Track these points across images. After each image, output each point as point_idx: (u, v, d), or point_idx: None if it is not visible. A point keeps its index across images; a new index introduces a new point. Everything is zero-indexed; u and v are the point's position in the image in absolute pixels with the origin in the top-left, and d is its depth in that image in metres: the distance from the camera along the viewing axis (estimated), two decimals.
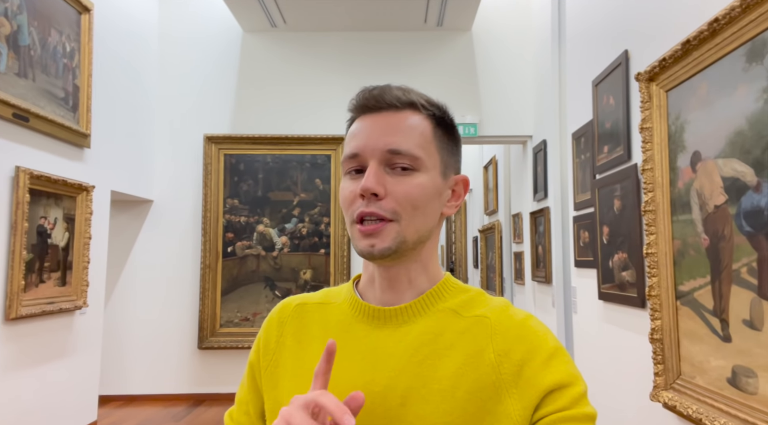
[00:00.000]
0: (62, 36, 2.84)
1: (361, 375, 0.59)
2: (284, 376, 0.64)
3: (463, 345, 0.59)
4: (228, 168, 4.09)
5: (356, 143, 0.61)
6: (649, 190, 1.94)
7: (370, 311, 0.63)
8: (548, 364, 0.57)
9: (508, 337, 0.59)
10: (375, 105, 0.62)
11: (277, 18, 3.95)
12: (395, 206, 0.59)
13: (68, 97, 2.89)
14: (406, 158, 0.60)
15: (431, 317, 0.62)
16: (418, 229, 0.61)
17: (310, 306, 0.70)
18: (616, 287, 2.37)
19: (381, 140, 0.60)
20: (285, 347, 0.67)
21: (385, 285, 0.64)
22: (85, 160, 3.07)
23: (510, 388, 0.56)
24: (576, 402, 0.55)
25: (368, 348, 0.61)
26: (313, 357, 0.63)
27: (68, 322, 2.92)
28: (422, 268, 0.64)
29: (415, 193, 0.60)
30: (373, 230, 0.59)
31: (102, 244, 3.23)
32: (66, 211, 2.86)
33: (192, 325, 3.94)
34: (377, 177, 0.59)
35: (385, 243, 0.59)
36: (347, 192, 0.61)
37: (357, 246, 0.60)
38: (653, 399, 1.86)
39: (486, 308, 0.62)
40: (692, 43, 1.62)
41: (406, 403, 0.56)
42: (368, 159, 0.60)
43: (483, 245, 6.01)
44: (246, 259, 4.06)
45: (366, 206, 0.59)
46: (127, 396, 3.85)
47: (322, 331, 0.65)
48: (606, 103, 2.51)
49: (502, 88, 4.08)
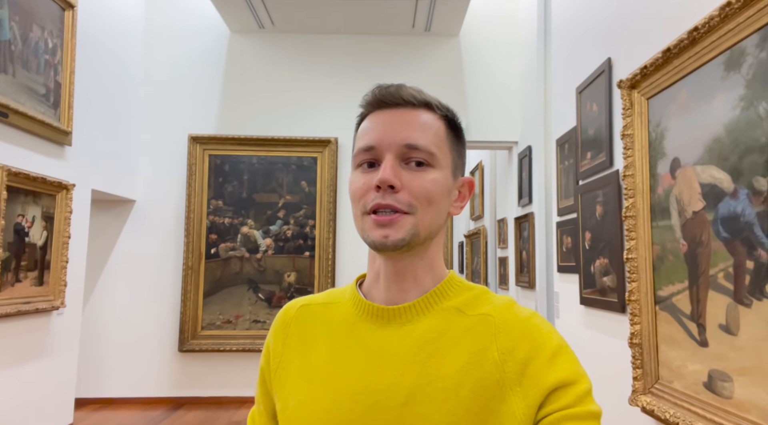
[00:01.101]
0: (44, 32, 2.80)
1: (365, 374, 0.60)
2: (290, 377, 0.65)
3: (467, 343, 0.59)
4: (213, 169, 4.05)
5: (372, 136, 0.62)
6: (629, 196, 1.96)
7: (374, 311, 0.64)
8: (552, 362, 0.57)
9: (512, 335, 0.59)
10: (392, 101, 0.63)
11: (264, 19, 3.94)
12: (411, 199, 0.59)
13: (49, 93, 2.84)
14: (423, 153, 0.61)
15: (435, 316, 0.62)
16: (430, 223, 0.62)
17: (315, 307, 0.70)
18: (597, 293, 2.39)
19: (399, 134, 0.61)
20: (291, 348, 0.67)
21: (390, 281, 0.64)
22: (65, 158, 3.02)
23: (514, 386, 0.56)
24: (580, 400, 0.55)
25: (372, 347, 0.62)
26: (317, 357, 0.64)
27: (45, 322, 2.87)
28: (428, 265, 0.65)
29: (431, 188, 0.60)
30: (388, 220, 0.59)
31: (81, 243, 3.18)
32: (45, 209, 2.81)
33: (173, 327, 3.88)
34: (394, 170, 0.59)
35: (399, 234, 0.59)
36: (360, 184, 0.62)
37: (369, 237, 0.60)
38: (632, 404, 1.87)
39: (490, 307, 0.63)
40: (673, 51, 1.64)
41: (409, 402, 0.56)
42: (384, 152, 0.61)
43: (469, 250, 6.03)
44: (229, 261, 4.02)
45: (382, 198, 0.59)
46: (105, 399, 3.78)
47: (327, 331, 0.66)
48: (589, 109, 2.54)
49: (488, 94, 4.11)
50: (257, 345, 3.87)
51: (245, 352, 3.85)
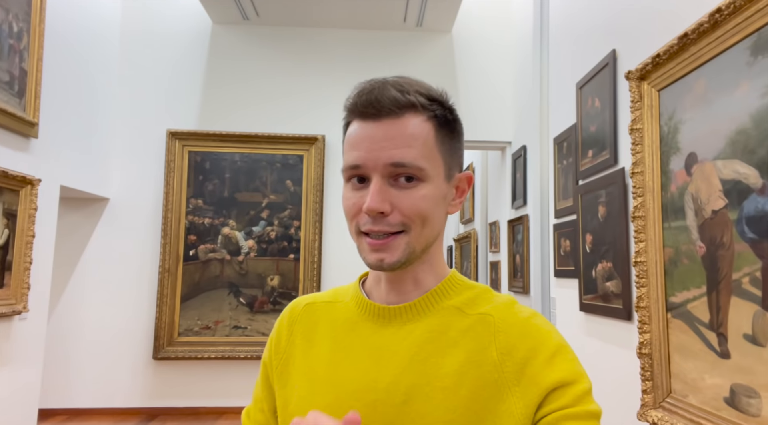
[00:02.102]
0: (9, 14, 2.60)
1: (366, 373, 0.60)
2: (293, 374, 0.66)
3: (466, 343, 0.60)
4: (192, 166, 3.86)
5: (358, 154, 0.60)
6: (638, 195, 1.83)
7: (376, 310, 0.65)
8: (551, 362, 0.56)
9: (512, 335, 0.59)
10: (373, 113, 0.60)
11: (249, 10, 3.77)
12: (403, 219, 0.59)
13: (13, 81, 2.64)
14: (411, 169, 0.59)
15: (436, 315, 0.62)
16: (426, 238, 0.61)
17: (319, 305, 0.71)
18: (599, 298, 2.26)
19: (383, 153, 0.58)
20: (294, 346, 0.68)
21: (391, 286, 0.65)
22: (31, 151, 2.81)
23: (512, 386, 0.56)
24: (580, 400, 0.54)
25: (373, 346, 0.62)
26: (320, 355, 0.65)
27: (6, 328, 2.65)
28: (429, 267, 0.65)
29: (422, 205, 0.59)
30: (382, 244, 0.59)
31: (47, 243, 2.96)
32: (6, 206, 2.60)
33: (147, 333, 3.67)
34: (382, 194, 0.58)
35: (394, 257, 0.59)
36: (351, 203, 0.61)
37: (366, 259, 0.61)
38: (641, 419, 1.73)
39: (490, 306, 0.62)
40: (690, 37, 1.51)
41: (409, 401, 0.57)
42: (371, 173, 0.59)
43: (458, 254, 5.90)
44: (209, 263, 3.82)
45: (373, 224, 0.59)
46: (72, 410, 3.54)
47: (330, 330, 0.67)
48: (591, 105, 2.42)
49: (481, 92, 3.98)
50: (238, 352, 3.67)
51: (225, 360, 3.65)
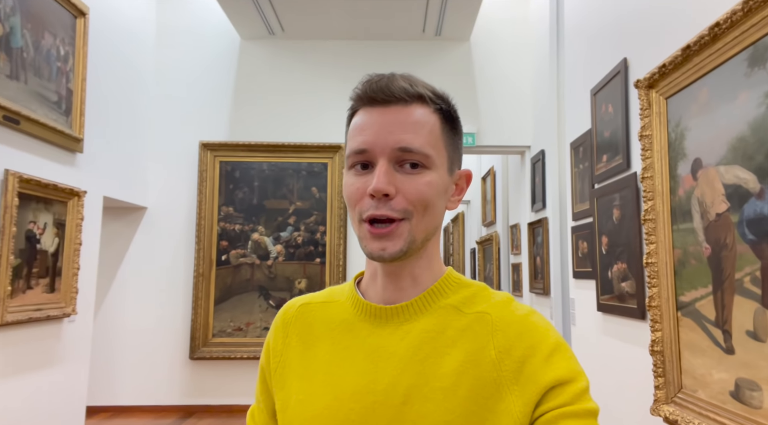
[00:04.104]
0: (56, 39, 2.82)
1: (364, 374, 0.60)
2: (291, 377, 0.65)
3: (464, 342, 0.59)
4: (223, 175, 4.05)
5: (364, 138, 0.60)
6: (648, 198, 1.90)
7: (372, 310, 0.64)
8: (549, 360, 0.56)
9: (509, 334, 0.59)
10: (383, 98, 0.60)
11: (275, 26, 3.94)
12: (406, 205, 0.58)
13: (61, 100, 2.85)
14: (417, 155, 0.59)
15: (433, 315, 0.62)
16: (426, 227, 0.61)
17: (314, 306, 0.70)
18: (615, 299, 2.32)
19: (391, 137, 0.59)
20: (291, 348, 0.67)
21: (387, 281, 0.63)
22: (77, 164, 3.03)
23: (511, 385, 0.56)
24: (577, 398, 0.54)
25: (371, 347, 0.61)
26: (317, 357, 0.64)
27: (56, 330, 2.86)
28: (427, 264, 0.64)
29: (426, 191, 0.59)
30: (385, 233, 0.58)
31: (93, 250, 3.18)
32: (56, 216, 2.81)
33: (184, 335, 3.87)
34: (388, 177, 0.58)
35: (396, 246, 0.59)
36: (353, 189, 0.60)
37: (366, 247, 0.60)
38: (654, 413, 1.80)
39: (487, 305, 0.62)
40: (692, 48, 1.59)
41: (408, 401, 0.56)
42: (377, 156, 0.59)
43: (481, 256, 5.97)
44: (240, 268, 4.00)
45: (376, 209, 0.58)
46: (116, 407, 3.77)
47: (326, 331, 0.66)
48: (605, 111, 2.49)
49: (500, 98, 4.07)
50: None
51: (256, 360, 3.81)
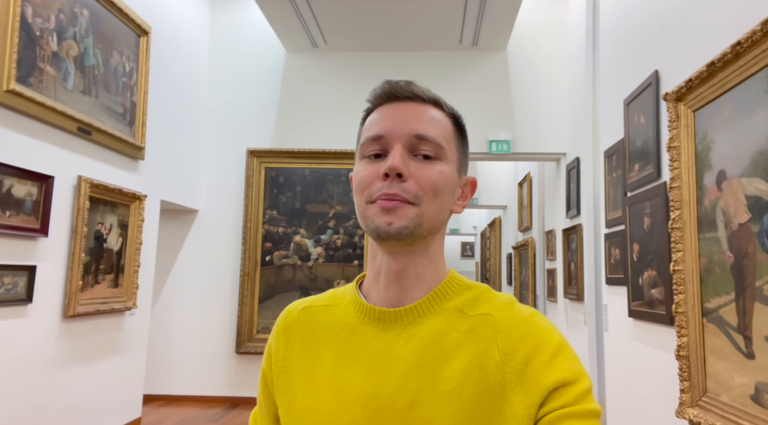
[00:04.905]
0: (123, 56, 3.10)
1: (369, 378, 0.59)
2: (295, 382, 0.65)
3: (468, 345, 0.59)
4: (268, 181, 4.28)
5: (381, 126, 0.62)
6: (676, 208, 1.96)
7: (376, 314, 0.63)
8: (553, 361, 0.56)
9: (513, 335, 0.59)
10: (402, 94, 0.64)
11: (318, 39, 4.15)
12: (417, 190, 0.59)
13: (126, 112, 3.13)
14: (432, 145, 0.61)
15: (437, 317, 0.62)
16: (434, 216, 0.61)
17: (316, 309, 0.70)
18: (645, 305, 2.37)
19: (409, 124, 0.61)
20: (294, 352, 0.67)
21: (391, 280, 0.63)
22: (139, 171, 3.31)
23: (515, 386, 0.56)
24: (580, 399, 0.55)
25: (375, 351, 0.61)
26: (321, 361, 0.64)
27: (119, 322, 3.13)
28: (430, 263, 0.64)
29: (438, 179, 0.60)
30: (392, 206, 0.58)
31: (151, 250, 3.45)
32: (120, 218, 3.09)
33: (231, 330, 4.11)
34: (403, 159, 0.59)
35: (403, 221, 0.58)
36: (365, 173, 0.61)
37: (373, 223, 0.59)
38: (679, 416, 1.86)
39: (491, 306, 0.62)
40: (717, 65, 1.66)
41: (414, 405, 0.56)
42: (393, 142, 0.61)
43: (517, 261, 6.00)
44: (283, 268, 4.21)
45: (389, 188, 0.58)
46: (168, 396, 4.04)
47: (330, 334, 0.65)
48: (637, 121, 2.54)
49: (536, 105, 4.14)
50: None
51: None
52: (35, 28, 2.40)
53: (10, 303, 2.31)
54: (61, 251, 2.63)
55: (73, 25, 2.67)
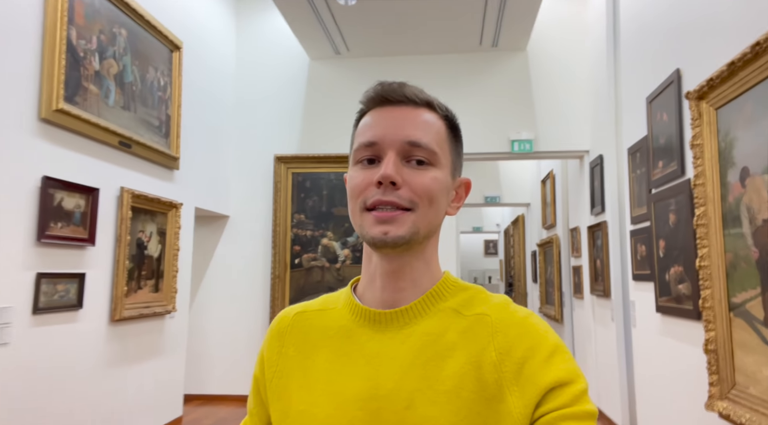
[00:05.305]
0: (157, 72, 3.25)
1: (366, 380, 0.59)
2: (289, 387, 0.64)
3: (465, 344, 0.59)
4: (295, 186, 4.40)
5: (374, 132, 0.62)
6: (700, 204, 2.00)
7: (371, 315, 0.63)
8: (549, 362, 0.57)
9: (510, 335, 0.59)
10: (394, 98, 0.63)
11: (340, 46, 4.25)
12: (412, 196, 0.59)
13: (162, 125, 3.28)
14: (425, 151, 0.61)
15: (433, 318, 0.62)
16: (430, 221, 0.61)
17: (310, 314, 0.69)
18: (672, 300, 2.40)
19: (401, 131, 0.61)
20: (288, 357, 0.66)
21: (386, 282, 0.63)
22: (174, 180, 3.46)
23: (511, 386, 0.56)
24: (577, 400, 0.55)
25: (372, 352, 0.61)
26: (317, 366, 0.63)
27: (160, 325, 3.28)
28: (425, 265, 0.64)
29: (432, 185, 0.60)
30: (388, 217, 0.58)
31: (187, 255, 3.60)
32: (159, 226, 3.24)
33: (262, 331, 4.24)
34: (396, 166, 0.59)
35: (399, 231, 0.58)
36: (359, 180, 0.61)
37: (368, 233, 0.59)
38: (708, 409, 1.90)
39: (487, 306, 0.63)
40: (737, 64, 1.69)
41: (412, 406, 0.56)
42: (386, 149, 0.60)
43: (541, 259, 6.01)
44: (312, 270, 4.33)
45: (383, 195, 0.58)
46: (206, 396, 4.20)
47: (325, 338, 0.65)
48: (660, 119, 2.57)
49: (558, 104, 4.16)
50: None
51: None
52: (79, 49, 2.56)
53: (63, 309, 2.47)
54: (107, 258, 2.78)
55: (113, 45, 2.82)
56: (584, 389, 0.56)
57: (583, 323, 4.37)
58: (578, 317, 4.62)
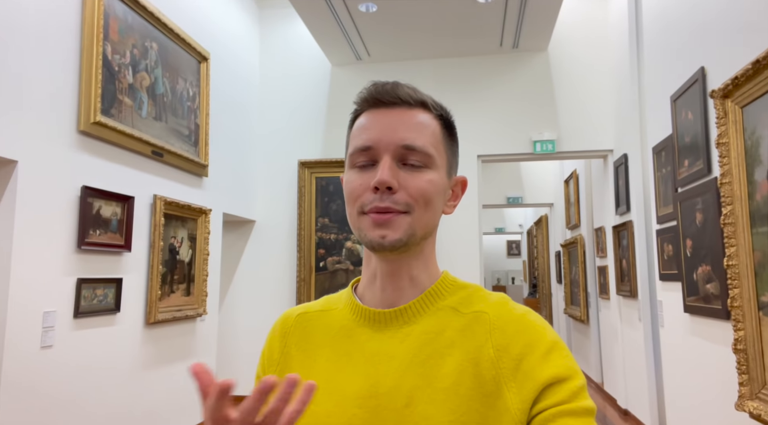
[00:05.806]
0: (187, 83, 3.36)
1: (366, 378, 0.60)
2: None
3: (463, 341, 0.60)
4: (319, 190, 4.47)
5: (369, 136, 0.62)
6: (727, 203, 1.99)
7: (371, 315, 0.64)
8: (546, 358, 0.57)
9: (507, 332, 0.60)
10: (389, 100, 0.63)
11: (362, 52, 4.31)
12: (408, 200, 0.60)
13: (191, 134, 3.39)
14: (420, 154, 0.61)
15: (431, 316, 0.63)
16: (426, 223, 0.62)
17: (312, 315, 0.70)
18: (700, 300, 2.39)
19: (396, 134, 0.61)
20: (290, 357, 0.68)
21: (386, 282, 0.64)
22: (203, 187, 3.56)
23: (509, 382, 0.56)
24: (574, 396, 0.55)
25: (371, 351, 0.62)
26: (318, 365, 0.65)
27: (191, 327, 3.38)
28: (423, 265, 0.66)
29: (428, 188, 0.61)
30: (386, 220, 0.59)
31: (216, 259, 3.70)
32: (190, 231, 3.34)
33: None
34: (392, 171, 0.59)
35: (396, 235, 0.59)
36: (356, 184, 0.62)
37: (366, 236, 0.60)
38: (738, 409, 1.89)
39: (485, 304, 0.63)
40: (762, 62, 1.69)
41: (411, 403, 0.57)
42: (382, 153, 0.61)
43: (566, 259, 5.96)
44: (336, 273, 4.40)
45: (380, 201, 0.59)
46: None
47: (326, 338, 0.66)
48: (685, 118, 2.56)
49: (580, 103, 4.15)
50: None
51: None
52: (114, 64, 2.67)
53: (102, 313, 2.58)
54: (142, 264, 2.89)
55: (145, 58, 2.94)
56: (582, 385, 0.56)
57: (610, 323, 4.34)
58: (604, 317, 4.58)
